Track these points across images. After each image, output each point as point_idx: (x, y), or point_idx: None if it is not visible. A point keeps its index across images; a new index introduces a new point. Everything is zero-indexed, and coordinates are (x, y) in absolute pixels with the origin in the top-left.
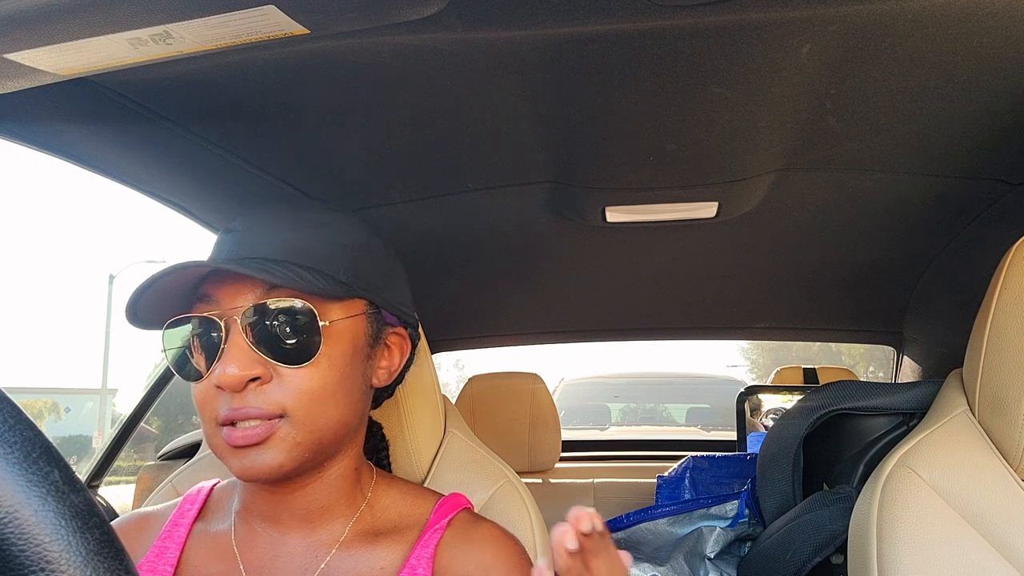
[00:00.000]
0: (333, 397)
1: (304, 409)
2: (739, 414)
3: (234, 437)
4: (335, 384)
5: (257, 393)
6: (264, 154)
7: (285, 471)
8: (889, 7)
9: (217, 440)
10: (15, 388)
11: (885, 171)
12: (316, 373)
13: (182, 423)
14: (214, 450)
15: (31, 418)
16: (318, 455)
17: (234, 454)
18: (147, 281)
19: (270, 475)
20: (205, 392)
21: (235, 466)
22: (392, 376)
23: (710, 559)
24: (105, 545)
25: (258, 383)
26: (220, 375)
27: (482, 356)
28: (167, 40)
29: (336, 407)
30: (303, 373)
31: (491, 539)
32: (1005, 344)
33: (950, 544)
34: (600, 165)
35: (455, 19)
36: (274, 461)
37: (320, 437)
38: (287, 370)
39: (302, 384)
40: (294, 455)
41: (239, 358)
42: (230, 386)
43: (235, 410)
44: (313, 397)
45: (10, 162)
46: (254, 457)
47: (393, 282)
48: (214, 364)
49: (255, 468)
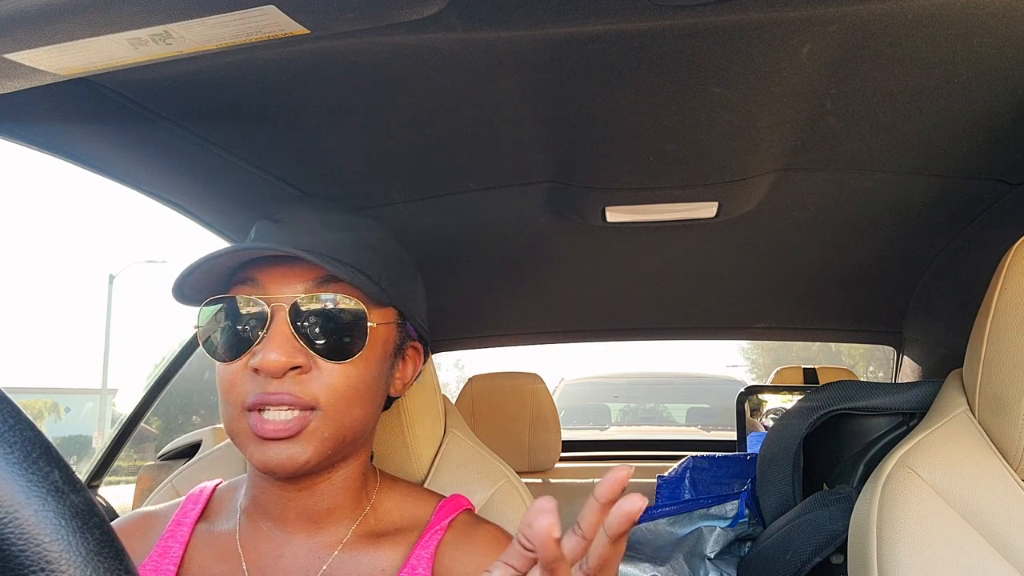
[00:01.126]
0: (362, 398)
1: (335, 405)
2: (739, 414)
3: (265, 429)
4: (366, 385)
5: (295, 381)
6: (264, 154)
7: (309, 467)
8: (889, 7)
9: (241, 426)
10: (15, 388)
11: (885, 171)
12: (353, 371)
13: (182, 423)
14: (234, 437)
15: (31, 418)
16: (338, 453)
17: (260, 445)
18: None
19: (295, 470)
20: (236, 375)
21: (259, 456)
22: (405, 388)
23: (710, 559)
24: (105, 545)
25: (297, 372)
26: (263, 359)
27: (482, 356)
28: (167, 40)
29: (362, 408)
30: (341, 369)
31: (491, 540)
32: (1005, 344)
33: (950, 544)
34: (600, 165)
35: (455, 19)
36: (301, 457)
37: (344, 435)
38: (326, 364)
39: (339, 380)
40: (320, 450)
41: (283, 345)
42: (271, 372)
43: (270, 394)
44: (347, 394)
45: (10, 162)
46: (280, 450)
47: (418, 297)
48: (253, 347)
49: (279, 462)
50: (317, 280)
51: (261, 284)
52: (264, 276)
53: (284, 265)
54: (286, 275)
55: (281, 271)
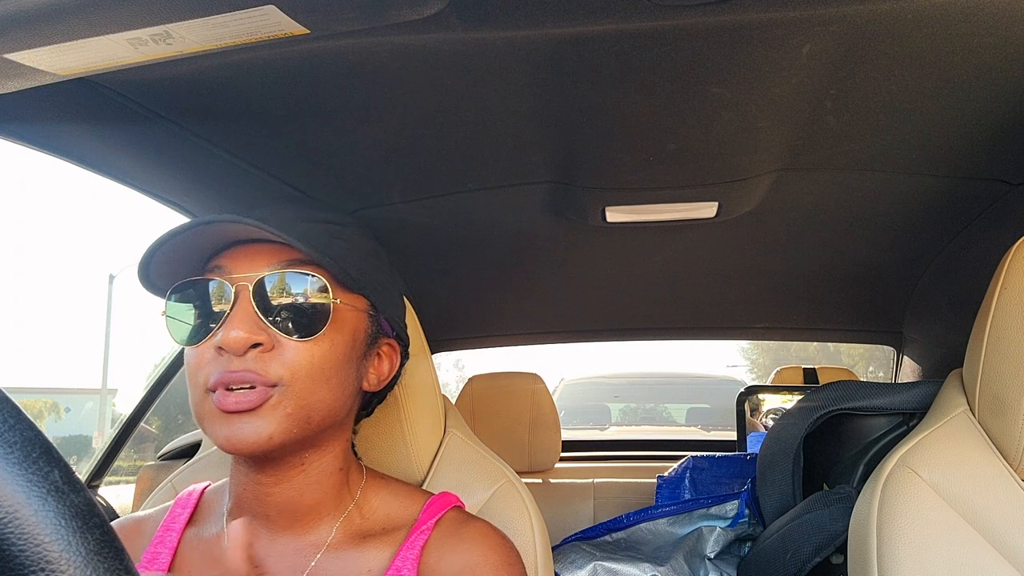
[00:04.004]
0: (328, 380)
1: (300, 382)
2: (739, 414)
3: (227, 402)
4: (332, 367)
5: (257, 359)
6: (264, 154)
7: (273, 444)
8: (889, 7)
9: (206, 406)
10: (15, 388)
11: (885, 171)
12: (317, 350)
13: (182, 423)
14: (199, 418)
15: (31, 418)
16: (305, 433)
17: (223, 421)
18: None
19: (257, 445)
20: (200, 356)
21: (221, 434)
22: (381, 384)
23: (710, 559)
24: (105, 545)
25: (259, 350)
26: (224, 337)
27: (482, 356)
28: (167, 40)
29: (329, 390)
30: (305, 347)
31: (480, 538)
32: (1005, 344)
33: (950, 544)
34: (600, 165)
35: (455, 19)
36: (263, 431)
37: (309, 414)
38: (289, 342)
39: (302, 358)
40: (284, 427)
41: (245, 322)
42: (232, 348)
43: (232, 372)
44: (311, 372)
45: (10, 162)
46: (242, 425)
47: (394, 294)
48: (217, 328)
49: (242, 437)
50: (283, 261)
51: (227, 269)
52: (230, 262)
53: (251, 247)
54: (252, 257)
55: (247, 253)
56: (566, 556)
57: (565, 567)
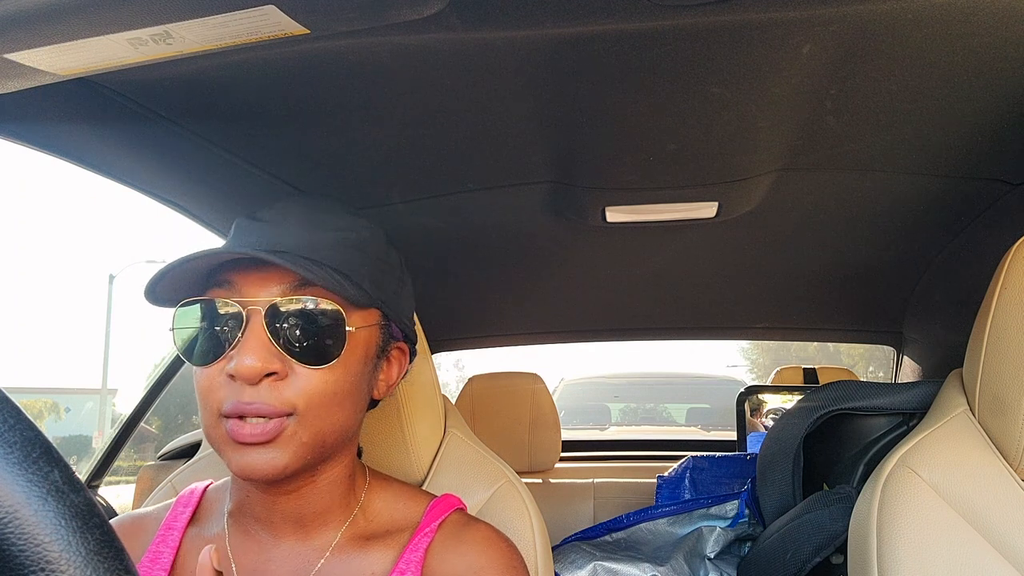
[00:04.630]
0: (341, 403)
1: (314, 410)
2: (739, 414)
3: (241, 434)
4: (346, 390)
5: (271, 388)
6: (264, 154)
7: (288, 472)
8: (889, 7)
9: (219, 432)
10: (15, 388)
11: (885, 171)
12: (331, 377)
13: (182, 423)
14: (212, 442)
15: (31, 418)
16: (318, 458)
17: (236, 450)
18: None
19: (273, 476)
20: (212, 380)
21: (236, 463)
22: (390, 390)
23: (710, 559)
24: (105, 545)
25: (273, 378)
26: (237, 365)
27: (482, 356)
28: (167, 40)
29: (342, 412)
30: (318, 375)
31: (483, 540)
32: (1005, 344)
33: (950, 544)
34: (600, 165)
35: (455, 19)
36: (279, 461)
37: (323, 440)
38: (303, 369)
39: (316, 385)
40: (299, 455)
41: (258, 350)
42: (246, 378)
43: (246, 404)
44: (325, 400)
45: (10, 162)
46: (257, 456)
47: (404, 297)
48: (229, 351)
49: (257, 467)
50: (295, 283)
51: (237, 287)
52: (240, 279)
53: (261, 267)
54: (263, 277)
55: (258, 273)
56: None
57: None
